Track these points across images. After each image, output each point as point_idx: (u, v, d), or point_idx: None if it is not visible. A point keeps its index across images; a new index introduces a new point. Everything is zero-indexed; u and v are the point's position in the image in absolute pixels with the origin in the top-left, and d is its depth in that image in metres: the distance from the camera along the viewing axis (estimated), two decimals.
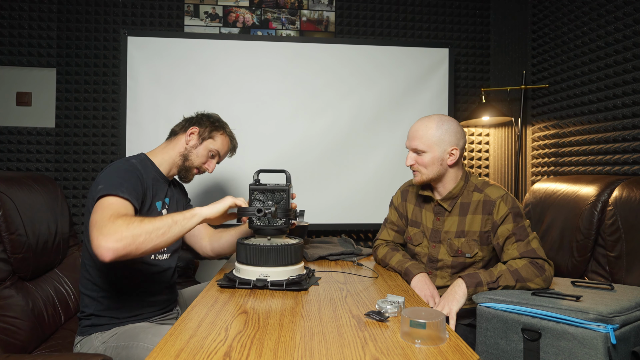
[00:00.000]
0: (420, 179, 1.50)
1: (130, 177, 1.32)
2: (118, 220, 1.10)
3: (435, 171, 1.47)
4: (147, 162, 1.48)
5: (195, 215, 1.21)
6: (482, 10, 2.79)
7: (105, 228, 1.08)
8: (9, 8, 2.46)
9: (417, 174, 1.51)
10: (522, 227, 1.41)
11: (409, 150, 1.52)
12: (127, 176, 1.32)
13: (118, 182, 1.27)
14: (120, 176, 1.30)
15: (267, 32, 2.64)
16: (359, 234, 2.72)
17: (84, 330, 1.39)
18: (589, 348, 1.09)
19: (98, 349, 1.33)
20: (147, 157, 1.50)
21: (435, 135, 1.45)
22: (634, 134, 1.78)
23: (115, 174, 1.31)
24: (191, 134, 1.53)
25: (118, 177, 1.29)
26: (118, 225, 1.08)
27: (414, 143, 1.48)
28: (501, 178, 2.70)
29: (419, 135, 1.47)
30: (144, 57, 2.38)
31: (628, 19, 1.82)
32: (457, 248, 1.49)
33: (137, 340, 1.29)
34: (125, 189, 1.26)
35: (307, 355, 0.80)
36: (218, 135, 1.56)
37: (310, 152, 2.50)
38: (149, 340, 1.27)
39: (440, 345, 0.85)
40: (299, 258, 1.33)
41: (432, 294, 1.40)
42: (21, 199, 1.62)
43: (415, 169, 1.50)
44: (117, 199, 1.22)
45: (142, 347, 1.26)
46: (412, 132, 1.50)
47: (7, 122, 2.47)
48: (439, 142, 1.45)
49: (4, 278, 1.50)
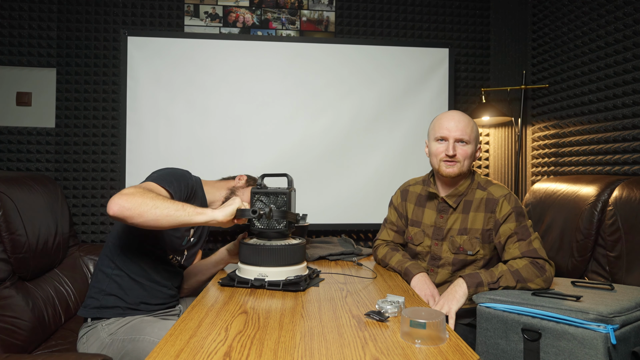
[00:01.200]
0: (458, 170, 1.48)
1: (183, 180, 1.43)
2: (139, 188, 1.19)
3: (469, 165, 1.50)
4: (199, 185, 1.61)
5: (205, 214, 1.22)
6: (482, 10, 2.78)
7: (126, 189, 1.18)
8: (9, 8, 2.46)
9: (457, 165, 1.47)
10: (524, 226, 1.41)
11: (449, 139, 1.47)
12: (181, 179, 1.42)
13: (170, 179, 1.37)
14: (175, 176, 1.41)
15: (267, 32, 2.64)
16: (359, 234, 2.72)
17: (90, 312, 1.41)
18: (589, 348, 1.09)
19: (105, 340, 1.35)
20: (200, 182, 1.64)
21: (475, 130, 1.51)
22: (634, 134, 1.78)
23: (171, 172, 1.42)
24: (239, 179, 1.72)
25: (172, 176, 1.40)
26: (136, 190, 1.17)
27: (459, 133, 1.46)
28: (501, 178, 2.70)
29: (463, 125, 1.47)
30: (144, 57, 2.38)
31: (628, 19, 1.82)
32: (459, 245, 1.49)
33: (143, 333, 1.32)
34: (175, 186, 1.36)
35: (307, 355, 0.80)
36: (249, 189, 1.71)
37: (310, 152, 2.49)
38: (156, 334, 1.30)
39: (440, 345, 0.85)
40: (300, 259, 1.33)
41: (432, 294, 1.40)
42: (21, 199, 1.62)
43: (457, 159, 1.47)
44: (160, 187, 1.31)
45: (148, 340, 1.29)
46: (455, 122, 1.47)
47: (7, 122, 2.47)
48: (476, 136, 1.51)
49: (4, 278, 1.50)
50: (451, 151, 1.46)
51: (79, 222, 2.49)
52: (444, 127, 1.49)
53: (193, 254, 1.67)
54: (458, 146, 1.47)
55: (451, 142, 1.47)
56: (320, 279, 1.38)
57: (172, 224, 1.18)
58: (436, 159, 1.52)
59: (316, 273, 1.41)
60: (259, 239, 1.36)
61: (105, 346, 1.34)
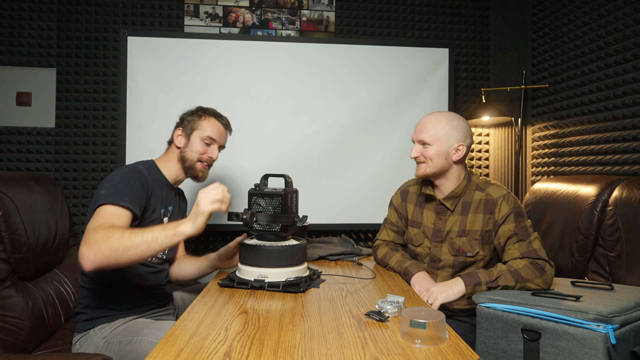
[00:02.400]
0: (423, 171, 1.50)
1: (134, 184, 1.33)
2: (100, 232, 1.12)
3: (440, 165, 1.48)
4: (155, 169, 1.51)
5: (178, 234, 1.15)
6: (482, 10, 2.79)
7: (88, 237, 1.11)
8: (9, 8, 2.46)
9: (422, 166, 1.50)
10: (523, 227, 1.41)
11: (415, 142, 1.52)
12: (131, 183, 1.33)
13: (120, 191, 1.28)
14: (124, 184, 1.31)
15: (267, 32, 2.64)
16: (359, 234, 2.72)
17: (81, 326, 1.39)
18: (588, 348, 1.09)
19: (99, 344, 1.33)
20: (155, 164, 1.53)
21: (444, 130, 1.47)
22: (634, 134, 1.78)
23: (119, 181, 1.32)
24: (178, 136, 1.54)
25: (121, 185, 1.30)
26: (99, 237, 1.10)
27: (422, 135, 1.49)
28: (501, 178, 2.70)
29: (427, 128, 1.48)
30: (144, 57, 2.38)
31: (628, 19, 1.82)
32: (458, 247, 1.49)
33: (140, 334, 1.29)
34: (127, 197, 1.28)
35: (307, 355, 0.80)
36: (202, 122, 1.55)
37: (310, 152, 2.49)
38: (153, 334, 1.27)
39: (440, 345, 0.85)
40: (300, 260, 1.32)
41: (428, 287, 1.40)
42: (21, 199, 1.62)
43: (420, 160, 1.50)
44: (115, 207, 1.24)
45: (146, 341, 1.26)
46: (421, 124, 1.51)
47: (7, 122, 2.47)
48: (446, 136, 1.47)
49: (4, 278, 1.50)
50: (412, 153, 1.52)
51: (79, 222, 2.49)
52: (414, 131, 1.55)
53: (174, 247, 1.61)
54: (421, 148, 1.50)
55: (415, 145, 1.52)
56: (321, 280, 1.38)
57: (149, 256, 1.16)
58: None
59: (317, 274, 1.41)
60: (258, 239, 1.36)
61: (101, 349, 1.32)
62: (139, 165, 1.46)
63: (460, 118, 1.51)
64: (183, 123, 1.57)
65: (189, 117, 1.57)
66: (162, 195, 1.50)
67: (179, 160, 1.54)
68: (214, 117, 1.58)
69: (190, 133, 1.53)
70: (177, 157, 1.54)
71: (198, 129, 1.54)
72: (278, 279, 1.25)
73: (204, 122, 1.55)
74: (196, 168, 1.54)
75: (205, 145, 1.54)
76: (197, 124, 1.55)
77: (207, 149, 1.55)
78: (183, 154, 1.53)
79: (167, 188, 1.53)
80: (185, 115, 1.59)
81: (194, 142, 1.53)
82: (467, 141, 1.50)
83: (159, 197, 1.47)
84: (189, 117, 1.57)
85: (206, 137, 1.53)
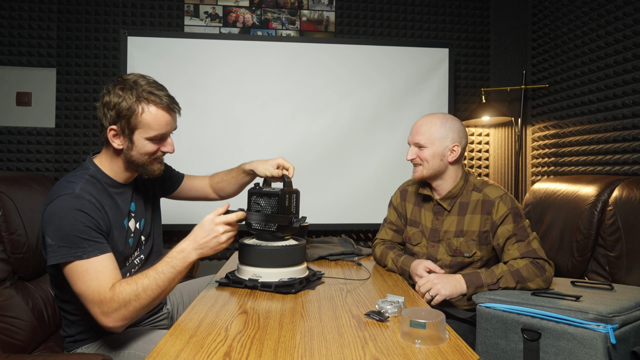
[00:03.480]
0: (420, 174, 1.51)
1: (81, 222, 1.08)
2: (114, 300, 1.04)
3: (436, 167, 1.48)
4: (98, 177, 1.21)
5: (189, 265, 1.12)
6: (482, 10, 2.79)
7: (104, 307, 1.04)
8: (9, 8, 2.46)
9: (418, 168, 1.51)
10: (522, 227, 1.41)
11: (411, 144, 1.53)
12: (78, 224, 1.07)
13: (72, 239, 1.06)
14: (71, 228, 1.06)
15: (267, 32, 2.64)
16: (359, 234, 2.72)
17: (69, 346, 1.31)
18: (588, 348, 1.09)
19: None
20: (98, 169, 1.23)
21: (439, 132, 1.48)
22: (634, 134, 1.78)
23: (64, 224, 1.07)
24: (114, 137, 1.18)
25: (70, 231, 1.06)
26: (117, 307, 1.05)
27: (417, 137, 1.50)
28: (501, 178, 2.70)
29: (422, 130, 1.49)
30: (144, 57, 2.38)
31: (628, 19, 1.82)
32: (455, 247, 1.49)
33: (127, 348, 1.21)
34: (85, 242, 1.06)
35: (307, 355, 0.80)
36: (141, 118, 1.15)
37: (310, 152, 2.49)
38: (140, 347, 1.20)
39: (440, 345, 0.85)
40: (296, 260, 1.31)
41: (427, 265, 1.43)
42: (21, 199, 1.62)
43: (417, 162, 1.51)
44: (83, 262, 1.05)
45: (133, 355, 1.19)
46: (416, 127, 1.52)
47: (7, 122, 2.47)
48: (441, 137, 1.48)
49: (4, 278, 1.50)
50: (408, 155, 1.53)
51: None
52: (410, 133, 1.55)
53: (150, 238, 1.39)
54: (417, 150, 1.50)
55: (411, 147, 1.53)
56: (319, 282, 1.35)
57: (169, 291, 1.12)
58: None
59: (318, 276, 1.39)
60: (257, 239, 1.36)
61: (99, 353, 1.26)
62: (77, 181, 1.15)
63: (454, 119, 1.52)
64: (115, 120, 1.15)
65: (123, 111, 1.14)
66: (119, 202, 1.25)
67: (124, 162, 1.22)
68: (155, 105, 1.16)
69: (131, 133, 1.16)
70: (122, 159, 1.22)
71: (140, 128, 1.16)
72: (271, 279, 1.25)
73: (144, 117, 1.15)
74: (149, 167, 1.24)
75: (155, 144, 1.20)
76: (136, 120, 1.15)
77: (157, 146, 1.21)
78: (129, 157, 1.20)
79: (120, 190, 1.27)
80: (112, 103, 1.15)
81: (139, 144, 1.18)
82: (462, 142, 1.50)
83: (117, 209, 1.23)
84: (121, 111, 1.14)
85: (154, 135, 1.18)
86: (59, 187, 1.14)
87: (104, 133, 1.19)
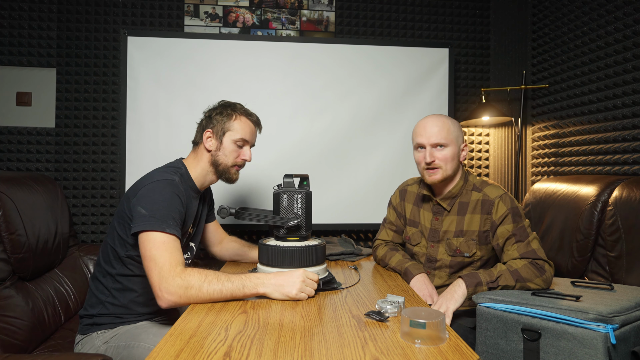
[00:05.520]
0: (441, 176, 1.46)
1: (175, 205, 1.26)
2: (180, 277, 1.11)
3: (454, 167, 1.48)
4: (186, 176, 1.42)
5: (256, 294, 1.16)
6: (482, 10, 2.78)
7: (169, 278, 1.11)
8: (9, 8, 2.46)
9: (438, 171, 1.46)
10: (521, 227, 1.41)
11: (426, 146, 1.46)
12: (173, 205, 1.25)
13: (164, 214, 1.21)
14: (166, 205, 1.23)
15: (267, 32, 2.64)
16: (359, 234, 2.72)
17: (84, 329, 1.39)
18: (588, 348, 1.09)
19: (99, 348, 1.34)
20: (185, 169, 1.44)
21: (454, 131, 1.48)
22: (634, 134, 1.78)
23: (161, 200, 1.24)
24: (208, 139, 1.44)
25: (164, 208, 1.23)
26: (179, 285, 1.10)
27: (434, 138, 1.44)
28: (501, 178, 2.70)
29: (437, 130, 1.45)
30: (144, 57, 2.38)
31: (628, 19, 1.82)
32: (455, 247, 1.49)
33: (138, 340, 1.29)
34: (172, 221, 1.21)
35: (307, 355, 0.80)
36: (233, 123, 1.44)
37: (310, 152, 2.50)
38: (150, 340, 1.28)
39: (440, 345, 0.85)
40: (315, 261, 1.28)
41: (430, 294, 1.40)
42: (21, 199, 1.62)
43: (436, 165, 1.45)
44: (165, 235, 1.18)
45: (143, 347, 1.27)
46: (430, 127, 1.46)
47: (7, 122, 2.47)
48: (456, 136, 1.48)
49: (4, 278, 1.50)
50: (428, 158, 1.45)
51: (79, 222, 2.49)
52: (420, 135, 1.48)
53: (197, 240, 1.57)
54: (435, 151, 1.45)
55: (428, 149, 1.46)
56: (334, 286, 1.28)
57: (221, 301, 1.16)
58: (419, 167, 1.52)
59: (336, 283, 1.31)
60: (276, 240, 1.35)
61: (100, 352, 1.33)
62: (173, 174, 1.35)
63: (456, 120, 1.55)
64: (212, 123, 1.44)
65: (218, 116, 1.45)
66: (191, 206, 1.42)
67: (210, 164, 1.45)
68: (245, 115, 1.47)
69: (222, 135, 1.43)
70: (209, 161, 1.45)
71: (230, 131, 1.43)
72: None
73: (235, 123, 1.44)
74: (230, 172, 1.47)
75: (238, 148, 1.46)
76: (228, 125, 1.44)
77: (240, 152, 1.46)
78: (216, 158, 1.44)
79: (194, 196, 1.46)
80: (213, 113, 1.47)
81: (227, 145, 1.43)
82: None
83: (191, 211, 1.41)
84: (218, 116, 1.45)
85: (239, 140, 1.44)
86: (158, 173, 1.35)
87: (199, 136, 1.46)
